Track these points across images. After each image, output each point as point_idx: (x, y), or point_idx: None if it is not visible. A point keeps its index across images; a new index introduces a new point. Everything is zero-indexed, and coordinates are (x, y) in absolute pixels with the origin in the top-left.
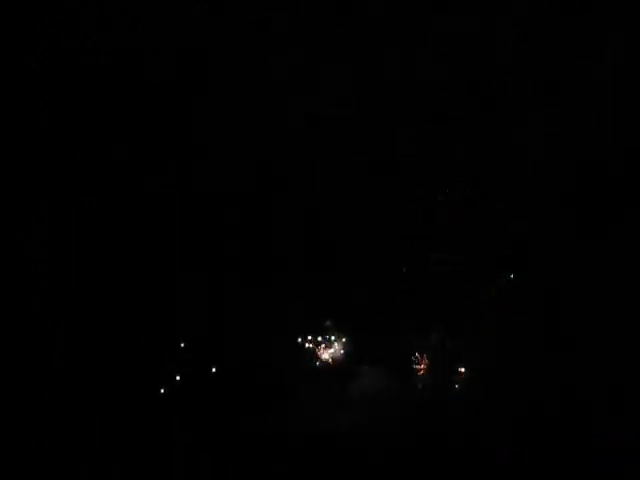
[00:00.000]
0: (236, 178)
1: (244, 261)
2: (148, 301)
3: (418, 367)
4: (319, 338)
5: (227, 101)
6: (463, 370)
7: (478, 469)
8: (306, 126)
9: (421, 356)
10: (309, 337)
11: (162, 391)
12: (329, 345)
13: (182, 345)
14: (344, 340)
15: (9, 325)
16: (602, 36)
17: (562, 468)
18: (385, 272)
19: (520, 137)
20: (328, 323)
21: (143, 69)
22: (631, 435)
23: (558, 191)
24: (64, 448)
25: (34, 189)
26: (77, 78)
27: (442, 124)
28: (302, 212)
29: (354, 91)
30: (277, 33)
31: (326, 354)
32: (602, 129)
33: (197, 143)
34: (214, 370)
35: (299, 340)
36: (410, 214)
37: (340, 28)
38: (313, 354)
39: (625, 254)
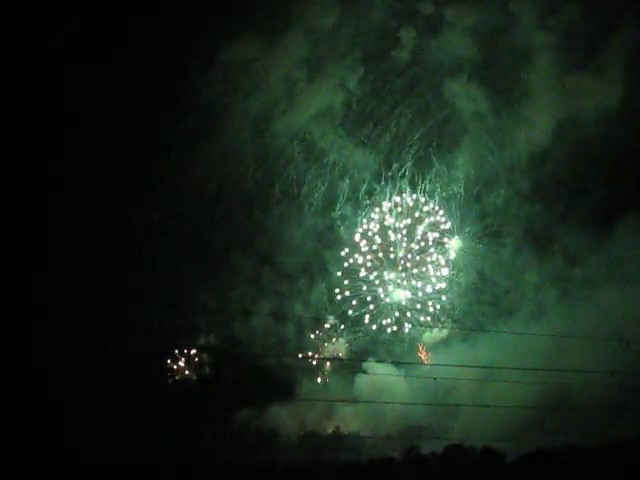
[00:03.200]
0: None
1: (247, 259)
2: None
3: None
4: (323, 334)
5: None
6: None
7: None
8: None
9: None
10: (313, 334)
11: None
12: (333, 341)
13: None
14: (348, 336)
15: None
16: None
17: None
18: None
19: None
20: (332, 320)
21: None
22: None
23: None
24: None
25: (36, 190)
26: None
27: None
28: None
29: None
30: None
31: (330, 350)
32: None
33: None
34: (214, 369)
35: (302, 337)
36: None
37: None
38: (317, 350)
39: None
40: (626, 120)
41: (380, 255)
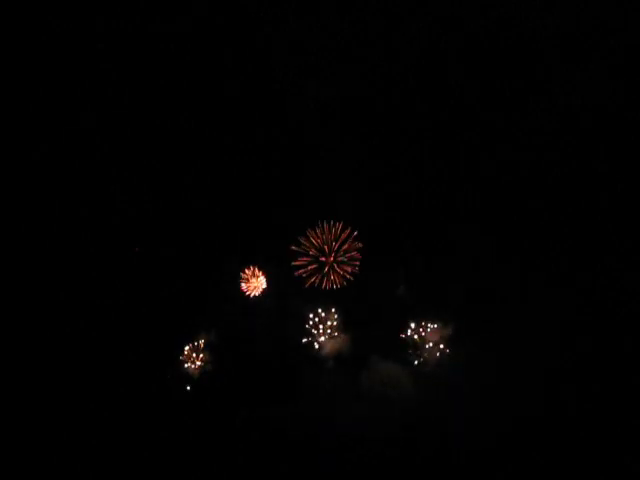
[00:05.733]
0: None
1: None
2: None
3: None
4: (324, 330)
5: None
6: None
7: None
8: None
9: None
10: (314, 329)
11: (162, 390)
12: (334, 336)
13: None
14: (349, 331)
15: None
16: None
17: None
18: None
19: None
20: (334, 315)
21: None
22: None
23: None
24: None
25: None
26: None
27: None
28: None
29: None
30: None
31: (331, 345)
32: None
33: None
34: (215, 367)
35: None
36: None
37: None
38: (317, 345)
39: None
40: None
41: None
